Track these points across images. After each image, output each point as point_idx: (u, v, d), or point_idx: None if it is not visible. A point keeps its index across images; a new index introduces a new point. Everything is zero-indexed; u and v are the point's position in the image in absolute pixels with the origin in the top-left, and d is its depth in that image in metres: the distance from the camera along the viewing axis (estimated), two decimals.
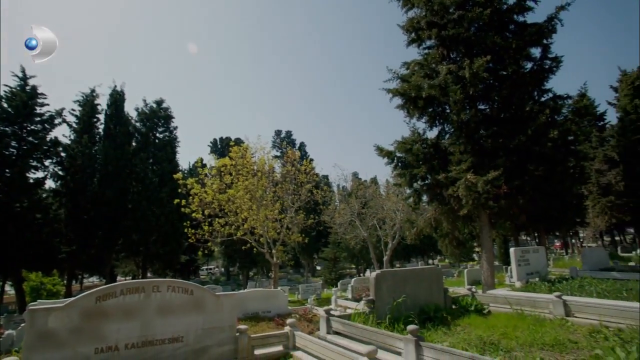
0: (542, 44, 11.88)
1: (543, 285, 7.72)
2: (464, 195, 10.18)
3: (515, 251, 9.37)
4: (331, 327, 4.96)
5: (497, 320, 5.46)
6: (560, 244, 41.24)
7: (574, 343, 4.13)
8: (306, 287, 19.58)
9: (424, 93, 11.37)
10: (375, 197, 23.09)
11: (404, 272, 5.84)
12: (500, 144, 10.95)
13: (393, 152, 12.60)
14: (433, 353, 3.37)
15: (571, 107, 11.61)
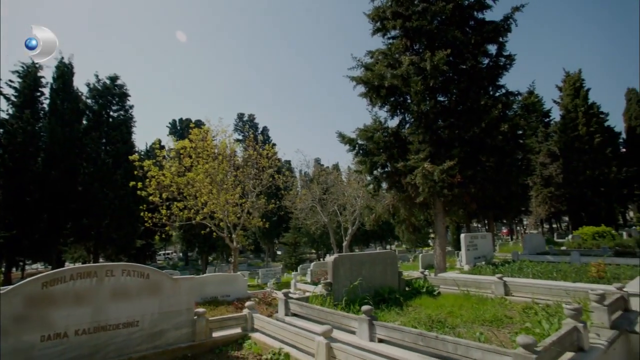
0: (498, 41, 12.44)
1: (488, 268, 8.35)
2: (421, 184, 10.62)
3: (465, 237, 9.98)
4: (289, 309, 5.08)
5: (446, 300, 5.85)
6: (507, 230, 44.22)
7: (510, 318, 4.55)
8: (266, 272, 19.64)
9: (386, 82, 11.61)
10: (336, 184, 23.41)
11: (360, 256, 6.06)
12: (456, 135, 11.46)
13: (355, 140, 12.82)
14: (385, 331, 3.58)
15: (520, 103, 12.34)
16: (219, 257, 40.06)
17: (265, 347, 4.37)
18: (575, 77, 29.38)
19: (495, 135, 11.46)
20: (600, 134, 28.24)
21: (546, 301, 5.00)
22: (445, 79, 11.96)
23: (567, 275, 6.88)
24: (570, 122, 28.45)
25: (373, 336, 3.66)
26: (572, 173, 27.63)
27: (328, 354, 3.33)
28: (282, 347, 4.11)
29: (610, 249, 11.83)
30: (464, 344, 2.88)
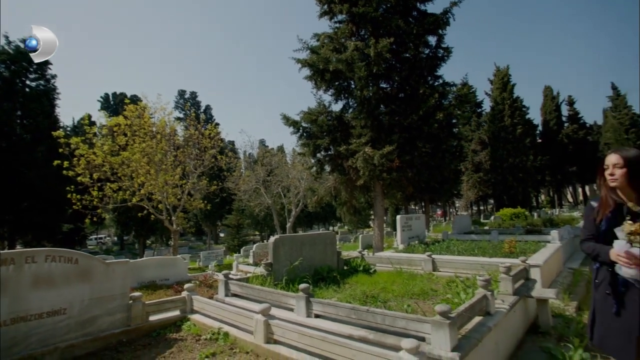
0: (438, 33, 13.06)
1: (420, 247, 9.03)
2: (362, 167, 11.05)
3: (401, 218, 10.61)
4: (229, 290, 5.12)
5: (380, 277, 6.25)
6: (441, 212, 47.59)
7: (435, 291, 5.03)
8: (208, 254, 19.31)
9: (331, 66, 11.73)
10: (281, 166, 23.37)
11: (301, 236, 6.24)
12: (396, 122, 11.99)
13: (299, 122, 12.88)
14: (320, 307, 3.79)
15: (455, 93, 13.16)
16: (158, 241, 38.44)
17: (205, 327, 4.41)
18: (504, 73, 31.92)
19: (432, 123, 12.16)
20: (521, 126, 31.17)
21: (466, 275, 5.58)
22: (388, 66, 12.35)
23: (485, 252, 7.71)
24: (498, 113, 31.01)
25: (310, 312, 3.86)
26: (498, 160, 30.33)
27: (266, 331, 3.47)
28: (221, 327, 4.17)
29: (523, 227, 13.34)
30: (391, 315, 3.18)
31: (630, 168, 2.10)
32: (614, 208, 2.18)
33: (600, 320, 2.26)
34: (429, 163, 12.65)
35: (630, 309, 2.06)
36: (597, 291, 2.28)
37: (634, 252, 1.95)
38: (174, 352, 3.92)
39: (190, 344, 4.10)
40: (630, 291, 2.07)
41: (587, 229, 2.38)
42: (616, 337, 2.14)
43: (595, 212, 2.30)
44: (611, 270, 2.16)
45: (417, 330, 2.96)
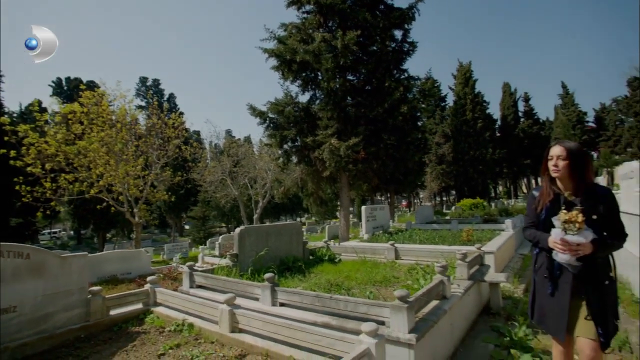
0: (403, 28, 13.32)
1: (384, 237, 9.31)
2: (328, 159, 11.16)
3: (366, 209, 10.85)
4: (194, 281, 5.07)
5: (345, 266, 6.41)
6: (406, 203, 48.97)
7: (396, 278, 5.24)
8: (172, 247, 18.83)
9: (298, 57, 11.68)
10: (248, 156, 23.06)
11: (266, 227, 6.26)
12: (362, 114, 12.16)
13: (266, 113, 12.77)
14: (285, 295, 3.85)
15: (419, 87, 13.52)
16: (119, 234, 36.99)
17: (169, 319, 4.36)
18: (466, 68, 33.05)
19: (397, 116, 12.45)
20: (482, 120, 32.52)
21: (427, 262, 5.83)
22: (355, 58, 12.45)
23: (445, 240, 8.08)
24: (461, 107, 32.16)
25: (275, 301, 3.92)
26: (460, 153, 31.55)
27: (231, 320, 3.50)
28: (186, 318, 4.14)
29: (481, 217, 14.06)
30: (353, 301, 3.30)
31: (571, 160, 2.21)
32: (552, 198, 2.31)
33: (538, 301, 2.42)
34: (394, 155, 12.96)
35: (563, 290, 2.23)
36: (537, 275, 2.43)
37: (568, 239, 2.09)
38: (137, 345, 3.85)
39: (154, 337, 4.04)
40: (563, 275, 2.24)
41: (529, 217, 2.50)
42: (551, 315, 2.31)
43: (536, 201, 2.42)
44: (549, 255, 2.29)
45: (377, 314, 3.10)
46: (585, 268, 2.17)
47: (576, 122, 39.13)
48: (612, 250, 2.24)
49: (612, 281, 2.25)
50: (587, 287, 2.19)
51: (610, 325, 2.18)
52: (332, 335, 2.70)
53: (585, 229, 2.09)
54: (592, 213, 2.14)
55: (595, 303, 2.17)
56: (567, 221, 2.10)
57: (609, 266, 2.26)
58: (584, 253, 2.10)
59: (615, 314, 2.25)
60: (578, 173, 2.22)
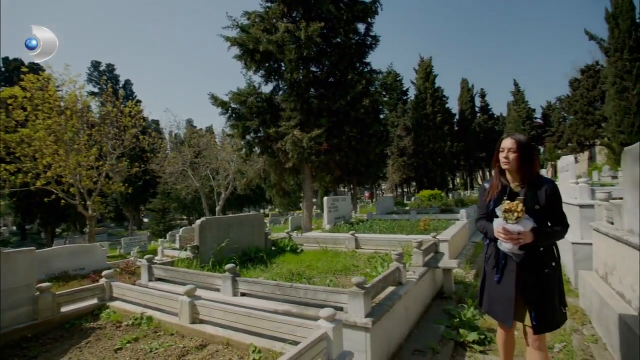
0: (366, 21, 13.46)
1: (345, 227, 9.53)
2: (291, 150, 11.18)
3: (328, 200, 11.02)
4: (153, 274, 4.96)
5: (307, 256, 6.51)
6: (369, 194, 49.97)
7: (356, 267, 5.41)
8: (130, 241, 18.12)
9: (262, 47, 11.53)
10: (209, 147, 22.53)
11: (228, 218, 6.21)
12: (325, 106, 12.23)
13: (228, 103, 12.53)
14: (246, 285, 3.89)
15: (381, 81, 13.79)
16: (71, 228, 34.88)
17: (126, 314, 4.25)
18: (427, 63, 34.01)
19: (359, 108, 12.65)
20: (441, 114, 33.69)
21: (385, 251, 6.07)
22: (318, 50, 12.46)
23: (404, 229, 8.42)
24: (421, 101, 33.11)
25: (236, 291, 3.94)
26: (420, 145, 32.58)
27: (191, 311, 3.48)
28: (144, 312, 4.06)
29: (438, 207, 14.69)
30: (312, 289, 3.40)
31: (521, 152, 2.25)
32: (500, 189, 2.36)
33: (487, 290, 2.49)
34: (356, 147, 13.19)
35: (508, 278, 2.29)
36: (487, 264, 2.50)
37: (509, 228, 2.14)
38: (92, 342, 3.73)
39: (110, 332, 3.93)
40: (509, 264, 2.29)
41: (481, 209, 2.55)
42: (498, 303, 2.37)
43: (486, 193, 2.48)
44: (496, 245, 2.35)
45: (336, 301, 3.22)
46: (528, 257, 2.23)
47: (526, 118, 41.61)
48: (554, 240, 2.30)
49: (554, 270, 2.29)
50: (528, 275, 2.25)
51: (551, 312, 2.25)
52: (292, 322, 2.78)
53: (526, 218, 2.15)
54: (535, 203, 2.21)
55: (533, 290, 2.23)
56: (507, 210, 2.16)
57: (552, 255, 2.32)
58: (524, 241, 2.15)
59: (561, 301, 2.32)
60: (526, 165, 2.28)
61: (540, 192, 2.24)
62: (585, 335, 3.68)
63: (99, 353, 3.44)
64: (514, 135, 2.32)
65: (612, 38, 25.11)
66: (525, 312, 2.28)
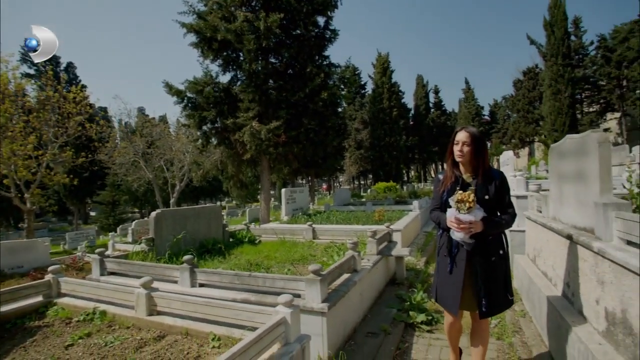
0: (326, 15, 13.55)
1: (303, 218, 9.69)
2: (249, 141, 11.10)
3: (285, 191, 11.10)
4: (105, 268, 4.81)
5: (265, 247, 6.58)
6: (326, 186, 50.52)
7: (313, 256, 5.58)
8: (75, 235, 17.04)
9: (219, 36, 11.26)
10: (163, 137, 21.62)
11: (184, 210, 6.12)
12: (284, 98, 12.24)
13: (183, 92, 12.14)
14: (205, 276, 3.91)
15: (339, 75, 13.99)
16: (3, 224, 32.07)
17: (77, 310, 4.09)
18: (384, 59, 34.77)
19: (317, 101, 12.78)
20: (397, 109, 34.70)
21: (342, 241, 6.30)
22: (278, 41, 12.40)
23: (359, 220, 8.73)
24: (378, 96, 33.85)
25: (194, 282, 3.95)
26: (376, 139, 33.38)
27: (148, 303, 3.45)
28: (97, 306, 3.94)
29: (393, 199, 15.31)
30: (271, 277, 3.51)
31: (474, 145, 2.34)
32: (453, 181, 2.42)
33: (439, 280, 2.55)
34: (314, 139, 13.34)
35: (459, 266, 2.36)
36: (439, 254, 2.56)
37: (461, 217, 2.22)
38: (38, 340, 3.57)
39: (59, 329, 3.78)
40: (460, 252, 2.36)
41: (435, 200, 2.58)
42: (448, 291, 2.44)
43: (440, 184, 2.53)
44: (449, 235, 2.41)
45: (294, 288, 3.35)
46: (478, 245, 2.31)
47: (475, 114, 44.09)
48: (503, 229, 2.38)
49: (502, 257, 2.40)
50: (477, 263, 2.33)
51: (500, 299, 2.37)
52: (251, 309, 2.87)
53: (477, 208, 2.23)
54: (485, 194, 2.31)
55: (481, 277, 2.31)
56: (459, 201, 2.23)
57: (501, 243, 2.42)
58: (475, 230, 2.23)
59: (507, 288, 2.43)
60: (478, 158, 2.36)
61: (490, 183, 2.34)
62: (517, 311, 4.12)
63: (47, 351, 3.31)
64: (468, 129, 2.40)
65: (548, 44, 27.26)
66: (472, 300, 2.37)
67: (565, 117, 26.26)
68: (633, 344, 1.89)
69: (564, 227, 3.10)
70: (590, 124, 31.74)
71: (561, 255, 3.13)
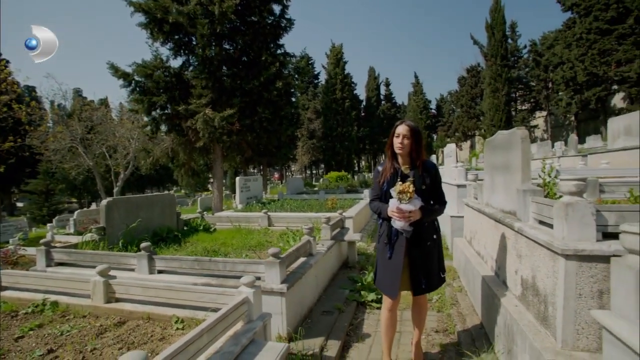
0: (282, 3, 13.49)
1: (258, 206, 9.79)
2: (202, 129, 10.88)
3: (240, 180, 11.08)
4: (52, 259, 4.61)
5: (221, 234, 6.63)
6: (278, 175, 50.41)
7: (269, 242, 5.76)
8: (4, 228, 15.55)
9: (171, 18, 10.81)
10: (105, 122, 20.20)
11: (137, 198, 5.97)
12: (238, 85, 12.08)
13: (131, 75, 11.53)
14: (164, 262, 3.95)
15: (294, 65, 14.05)
16: None
17: (23, 302, 3.93)
18: (338, 50, 35.14)
19: (272, 90, 12.75)
20: (350, 100, 35.38)
21: (297, 227, 6.53)
22: (232, 27, 12.15)
23: (313, 208, 9.04)
24: (332, 86, 34.25)
25: (153, 269, 3.97)
26: (329, 129, 33.88)
27: (106, 291, 3.45)
28: (47, 297, 3.82)
29: (345, 188, 15.85)
30: (231, 262, 3.65)
31: (413, 139, 2.48)
32: (392, 172, 2.56)
33: (379, 266, 2.69)
34: (268, 128, 13.34)
35: (398, 253, 2.51)
36: (379, 242, 2.69)
37: (402, 207, 2.35)
38: None
39: (5, 322, 3.62)
40: (399, 240, 2.50)
41: (374, 190, 2.71)
42: (388, 276, 2.58)
43: (380, 175, 2.65)
44: (389, 224, 2.54)
45: (254, 271, 3.53)
46: (414, 231, 2.48)
47: (423, 108, 46.17)
48: (436, 215, 2.59)
49: (435, 241, 2.61)
50: (414, 248, 2.51)
51: (434, 278, 2.61)
52: (214, 291, 3.01)
53: (415, 197, 2.38)
54: (422, 184, 2.48)
55: (419, 261, 2.52)
56: (400, 192, 2.36)
57: (434, 229, 2.63)
58: (414, 219, 2.40)
59: (440, 268, 2.68)
60: (416, 150, 2.52)
61: (426, 174, 2.52)
62: (455, 287, 4.64)
63: None
64: (408, 123, 2.54)
65: (489, 45, 29.32)
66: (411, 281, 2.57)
67: (502, 114, 28.53)
68: (538, 302, 2.34)
69: (494, 211, 3.57)
70: (522, 120, 34.79)
71: (491, 236, 3.61)
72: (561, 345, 2.02)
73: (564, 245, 1.99)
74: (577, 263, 1.97)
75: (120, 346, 2.81)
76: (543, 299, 2.26)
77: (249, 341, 2.48)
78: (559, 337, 2.04)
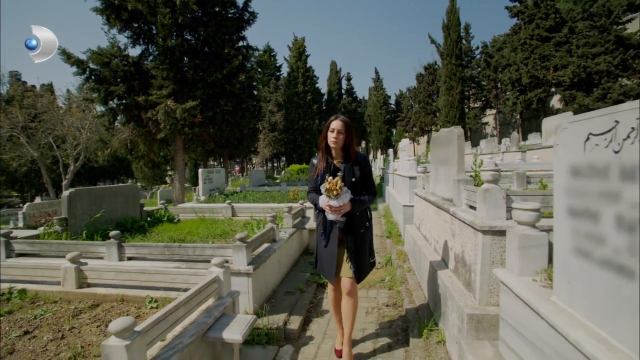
0: None
1: (221, 197, 9.94)
2: (163, 120, 10.79)
3: (202, 172, 11.13)
4: (13, 250, 4.62)
5: (185, 225, 6.78)
6: (239, 168, 49.86)
7: (234, 231, 6.03)
8: None
9: (130, 5, 10.56)
10: (51, 110, 19.07)
11: (100, 189, 5.97)
12: (201, 77, 12.04)
13: (86, 62, 11.12)
14: (134, 249, 4.13)
15: (257, 59, 14.14)
16: None
17: None
18: (300, 43, 35.23)
19: (235, 83, 12.84)
20: (311, 93, 35.67)
21: (260, 217, 6.84)
22: (194, 18, 12.04)
23: (275, 199, 9.35)
24: (293, 79, 34.35)
25: (122, 256, 4.14)
26: (290, 122, 34.06)
27: (78, 277, 3.60)
28: (13, 286, 3.89)
29: (306, 180, 16.21)
30: (200, 247, 3.92)
31: (347, 133, 2.60)
32: (325, 165, 2.66)
33: (318, 253, 2.87)
34: (230, 120, 13.41)
35: (332, 242, 2.70)
36: (317, 231, 2.86)
37: (332, 203, 2.48)
38: None
39: None
40: (333, 229, 2.68)
41: (310, 183, 2.82)
42: (326, 262, 2.77)
43: (314, 168, 2.75)
44: (324, 215, 2.70)
45: (222, 255, 3.83)
46: (347, 221, 2.65)
47: (383, 103, 47.49)
48: (367, 205, 2.74)
49: (367, 228, 2.79)
50: (348, 236, 2.68)
51: (365, 264, 2.76)
52: (186, 273, 3.29)
53: (345, 191, 2.50)
54: (353, 176, 2.62)
55: (352, 249, 2.69)
56: (328, 190, 2.47)
57: (366, 217, 2.79)
58: (345, 211, 2.54)
59: (371, 253, 2.85)
60: (348, 144, 2.64)
61: (357, 167, 2.65)
62: (405, 268, 5.20)
63: None
64: (342, 118, 2.63)
65: (445, 45, 30.78)
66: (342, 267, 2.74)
67: (456, 110, 30.18)
68: (465, 271, 2.88)
69: (437, 199, 4.12)
70: (474, 117, 36.94)
71: (435, 220, 4.17)
72: (478, 302, 2.55)
73: (482, 223, 2.51)
74: (491, 237, 2.50)
75: (99, 324, 3.04)
76: (469, 269, 2.79)
77: (220, 314, 2.81)
78: (477, 297, 2.57)
